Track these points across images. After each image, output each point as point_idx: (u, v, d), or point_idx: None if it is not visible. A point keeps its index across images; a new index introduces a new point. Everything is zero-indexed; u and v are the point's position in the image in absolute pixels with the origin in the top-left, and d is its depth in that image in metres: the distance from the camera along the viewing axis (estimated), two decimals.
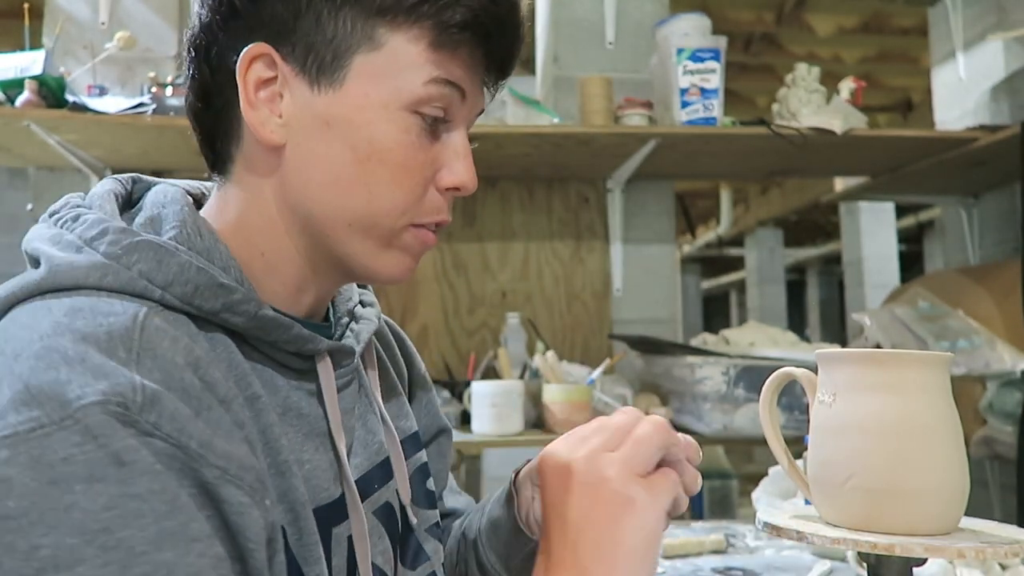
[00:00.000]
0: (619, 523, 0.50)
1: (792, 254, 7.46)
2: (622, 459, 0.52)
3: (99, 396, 0.43)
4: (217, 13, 0.56)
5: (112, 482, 0.42)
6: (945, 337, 1.92)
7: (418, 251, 0.61)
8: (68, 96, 1.80)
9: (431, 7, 0.54)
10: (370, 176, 0.56)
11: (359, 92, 0.55)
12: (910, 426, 0.57)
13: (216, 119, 0.59)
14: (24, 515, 0.40)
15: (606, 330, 2.30)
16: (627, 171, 2.19)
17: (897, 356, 0.60)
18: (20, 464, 0.41)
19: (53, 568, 0.40)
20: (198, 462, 0.45)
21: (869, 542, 0.55)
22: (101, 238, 0.52)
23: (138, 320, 0.48)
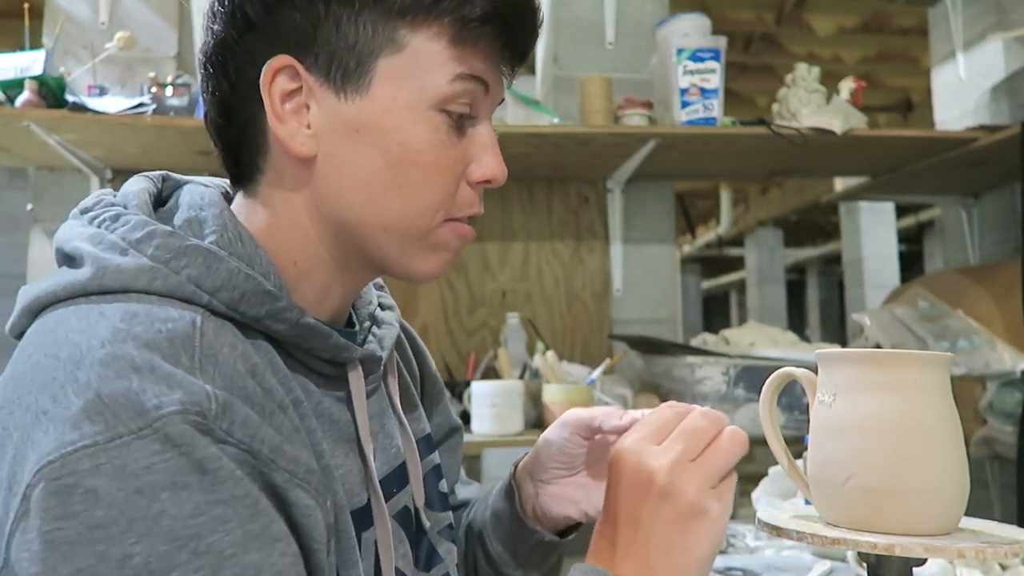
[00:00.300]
0: (692, 534, 0.52)
1: (792, 254, 7.46)
2: (702, 474, 0.53)
3: (178, 406, 0.43)
4: (232, 27, 0.56)
5: (196, 489, 0.43)
6: (945, 337, 1.92)
7: (456, 245, 0.61)
8: (68, 96, 1.80)
9: (450, 3, 0.54)
10: (403, 179, 0.56)
11: (386, 96, 0.55)
12: (910, 426, 0.57)
13: (240, 133, 0.59)
14: (114, 524, 0.41)
15: (606, 330, 2.30)
16: (627, 171, 2.19)
17: (897, 356, 0.60)
18: (105, 474, 0.41)
19: (148, 575, 0.41)
20: (269, 467, 0.47)
21: (869, 542, 0.55)
22: (148, 241, 0.52)
23: (197, 326, 0.49)
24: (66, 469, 0.41)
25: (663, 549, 0.52)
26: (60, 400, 0.44)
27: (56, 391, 0.44)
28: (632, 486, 0.54)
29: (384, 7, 0.54)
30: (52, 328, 0.49)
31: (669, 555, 0.52)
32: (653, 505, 0.53)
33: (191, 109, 1.88)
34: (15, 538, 0.42)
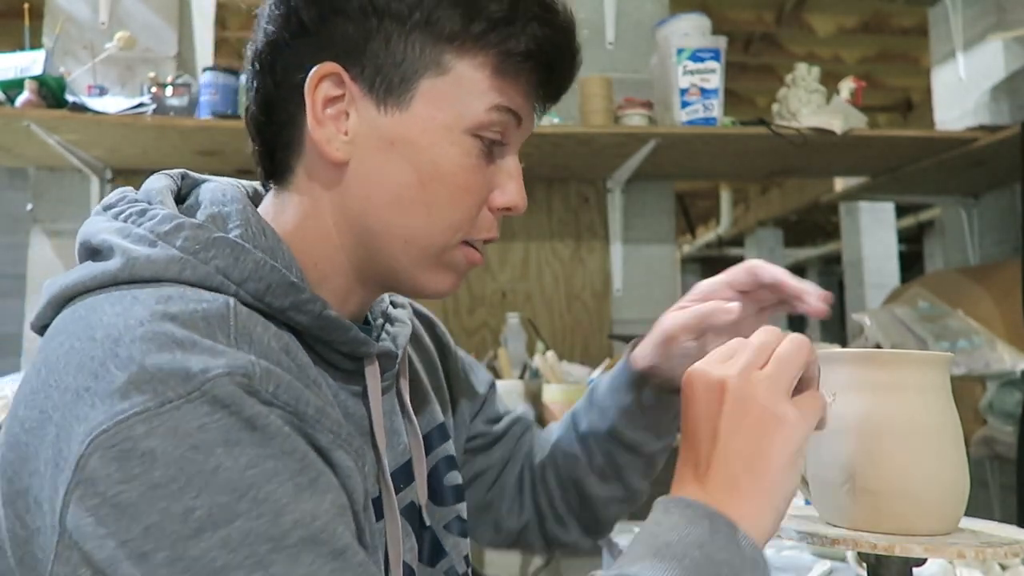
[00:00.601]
0: (769, 439, 0.52)
1: (792, 254, 7.46)
2: (770, 378, 0.53)
3: (224, 369, 0.45)
4: (286, 30, 0.58)
5: (247, 445, 0.44)
6: (945, 337, 1.92)
7: (463, 269, 0.63)
8: (68, 96, 1.80)
9: (497, 36, 0.56)
10: (431, 196, 0.58)
11: (425, 115, 0.57)
12: (910, 426, 0.57)
13: (278, 131, 0.60)
14: (173, 481, 0.42)
15: (606, 330, 2.30)
16: (627, 171, 2.19)
17: (897, 356, 0.60)
18: (159, 436, 0.43)
19: (212, 526, 0.42)
20: (314, 428, 0.49)
21: (869, 542, 0.55)
22: (176, 233, 0.53)
23: (231, 307, 0.51)
24: (121, 435, 0.43)
25: (744, 458, 0.52)
26: (102, 376, 0.45)
27: (96, 369, 0.45)
28: (705, 402, 0.54)
29: (434, 30, 0.56)
30: (84, 315, 0.50)
31: (751, 464, 0.52)
32: (728, 414, 0.53)
33: (191, 109, 1.88)
34: (69, 509, 0.43)
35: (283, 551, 0.43)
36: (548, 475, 0.83)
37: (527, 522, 0.85)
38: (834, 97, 2.07)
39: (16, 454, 0.47)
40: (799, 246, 7.53)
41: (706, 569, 0.49)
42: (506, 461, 0.86)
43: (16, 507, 0.47)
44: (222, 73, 1.91)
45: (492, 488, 0.85)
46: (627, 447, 0.77)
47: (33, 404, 0.48)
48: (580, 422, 0.80)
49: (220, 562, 0.42)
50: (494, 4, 0.56)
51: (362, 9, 0.56)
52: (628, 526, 1.41)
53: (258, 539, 0.43)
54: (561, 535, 0.85)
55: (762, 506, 0.52)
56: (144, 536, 0.42)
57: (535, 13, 0.57)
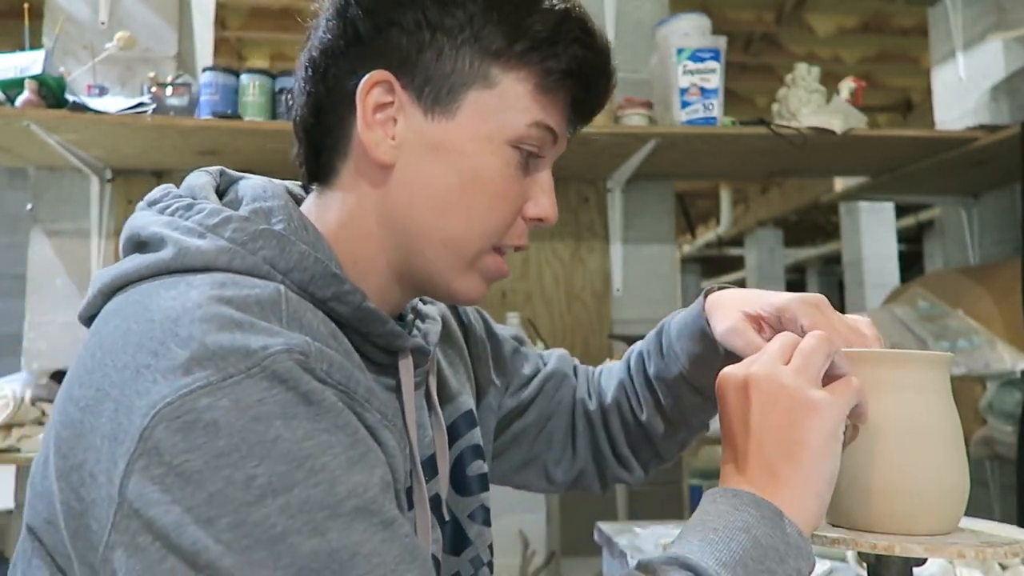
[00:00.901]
0: (802, 424, 0.53)
1: (792, 254, 7.46)
2: (795, 368, 0.55)
3: (282, 346, 0.48)
4: (342, 38, 0.61)
5: (304, 418, 0.47)
6: (945, 337, 1.92)
7: (492, 276, 0.65)
8: (68, 96, 1.80)
9: (539, 54, 0.60)
10: (471, 201, 0.61)
11: (470, 124, 0.60)
12: (910, 426, 0.57)
13: (326, 134, 0.63)
14: (235, 450, 0.45)
15: (606, 330, 2.30)
16: (627, 171, 2.19)
17: (897, 356, 0.60)
18: (222, 408, 0.45)
19: (272, 493, 0.44)
20: (363, 407, 0.52)
21: (869, 542, 0.55)
22: (224, 225, 0.56)
23: (282, 293, 0.53)
24: (185, 408, 0.45)
25: (778, 444, 0.54)
26: (162, 354, 0.47)
27: (156, 348, 0.47)
28: (736, 399, 0.57)
29: (483, 45, 0.59)
30: (138, 300, 0.52)
31: (787, 451, 0.53)
32: (757, 406, 0.55)
33: (191, 109, 1.88)
34: (132, 479, 0.45)
35: (338, 519, 0.45)
36: (611, 419, 0.86)
37: (582, 469, 0.87)
38: (834, 97, 2.07)
39: (71, 431, 0.49)
40: (799, 246, 7.53)
41: (753, 552, 0.50)
42: (547, 417, 0.87)
43: (71, 481, 0.48)
44: (222, 73, 1.91)
45: (535, 444, 0.87)
46: (697, 390, 0.78)
47: (88, 383, 0.49)
48: (648, 364, 0.82)
49: (280, 527, 0.44)
50: (538, 24, 0.59)
51: (416, 23, 0.59)
52: (628, 526, 1.41)
53: (315, 506, 0.45)
54: (623, 475, 0.87)
55: (803, 492, 0.53)
56: (208, 503, 0.44)
57: (576, 35, 0.60)
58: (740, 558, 0.50)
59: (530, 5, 0.60)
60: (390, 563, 0.46)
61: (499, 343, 0.86)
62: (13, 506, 2.04)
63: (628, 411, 0.84)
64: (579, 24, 0.61)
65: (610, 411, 0.86)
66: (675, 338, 0.77)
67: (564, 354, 0.92)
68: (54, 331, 2.11)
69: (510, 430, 0.86)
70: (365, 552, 0.45)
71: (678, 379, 0.78)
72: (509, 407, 0.85)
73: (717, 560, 0.49)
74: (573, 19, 0.61)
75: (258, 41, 3.98)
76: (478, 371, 0.82)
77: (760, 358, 0.57)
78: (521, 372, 0.87)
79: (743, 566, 0.50)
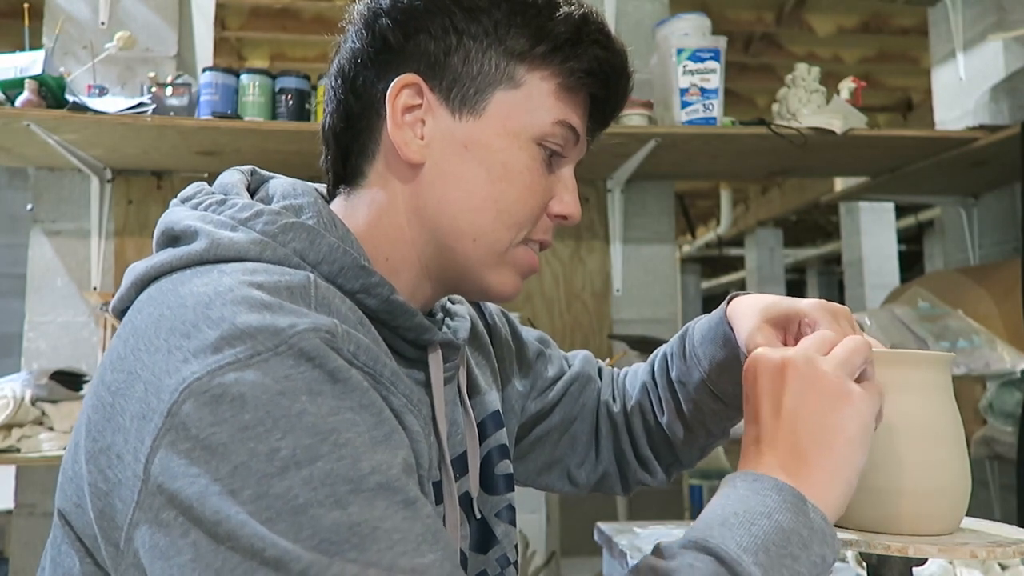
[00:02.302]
0: (838, 412, 0.53)
1: (792, 254, 7.46)
2: (835, 360, 0.55)
3: (310, 325, 0.49)
4: (371, 47, 0.63)
5: (329, 395, 0.48)
6: (945, 337, 1.92)
7: (524, 271, 0.67)
8: (68, 96, 1.80)
9: (561, 54, 0.63)
10: (500, 194, 0.63)
11: (497, 122, 0.63)
12: (912, 426, 0.57)
13: (355, 138, 0.65)
14: (260, 423, 0.45)
15: (606, 330, 2.30)
16: (627, 171, 2.19)
17: (899, 356, 0.60)
18: (249, 384, 0.46)
19: (295, 465, 0.45)
20: (389, 390, 0.53)
21: (883, 543, 0.54)
22: (256, 219, 0.58)
23: (311, 280, 0.54)
24: (213, 383, 0.46)
25: (811, 430, 0.53)
26: (194, 336, 0.48)
27: (188, 330, 0.48)
28: (769, 380, 0.56)
29: (508, 47, 0.62)
30: (171, 288, 0.53)
31: (818, 435, 0.53)
32: (793, 390, 0.54)
33: (191, 109, 1.88)
34: (158, 454, 0.46)
35: (360, 494, 0.46)
36: (633, 421, 0.86)
37: (606, 471, 0.88)
38: (834, 97, 2.07)
39: (101, 415, 0.50)
40: (799, 246, 7.53)
41: (775, 537, 0.49)
42: (571, 420, 0.87)
43: (99, 463, 0.49)
44: (222, 73, 1.91)
45: (559, 446, 0.87)
46: (716, 397, 0.78)
47: (120, 368, 0.50)
48: (670, 367, 0.82)
49: (302, 499, 0.44)
50: (560, 27, 0.62)
51: (444, 29, 0.62)
52: (628, 526, 1.41)
53: (338, 480, 0.45)
54: (645, 478, 0.88)
55: (832, 479, 0.52)
56: (232, 474, 0.44)
57: (595, 37, 0.63)
58: (762, 543, 0.49)
59: (551, 10, 0.62)
60: (412, 541, 0.46)
61: (523, 345, 0.87)
62: (13, 506, 2.04)
63: (650, 413, 0.85)
64: (597, 27, 0.64)
65: (633, 413, 0.86)
66: (698, 343, 0.78)
67: (589, 356, 0.92)
68: (54, 331, 2.11)
69: (534, 432, 0.86)
70: (386, 528, 0.45)
71: (700, 384, 0.78)
72: (533, 410, 0.85)
73: (738, 544, 0.48)
74: (591, 22, 0.63)
75: (258, 41, 3.98)
76: (503, 373, 0.83)
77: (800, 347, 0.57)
78: (545, 375, 0.87)
79: (765, 551, 0.48)
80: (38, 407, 1.71)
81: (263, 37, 3.85)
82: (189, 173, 2.18)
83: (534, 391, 0.86)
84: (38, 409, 1.71)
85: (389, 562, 0.44)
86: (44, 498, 2.03)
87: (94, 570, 0.52)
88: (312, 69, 2.11)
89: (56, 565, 0.55)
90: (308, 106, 1.95)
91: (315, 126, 1.89)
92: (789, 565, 0.48)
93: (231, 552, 0.43)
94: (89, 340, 2.10)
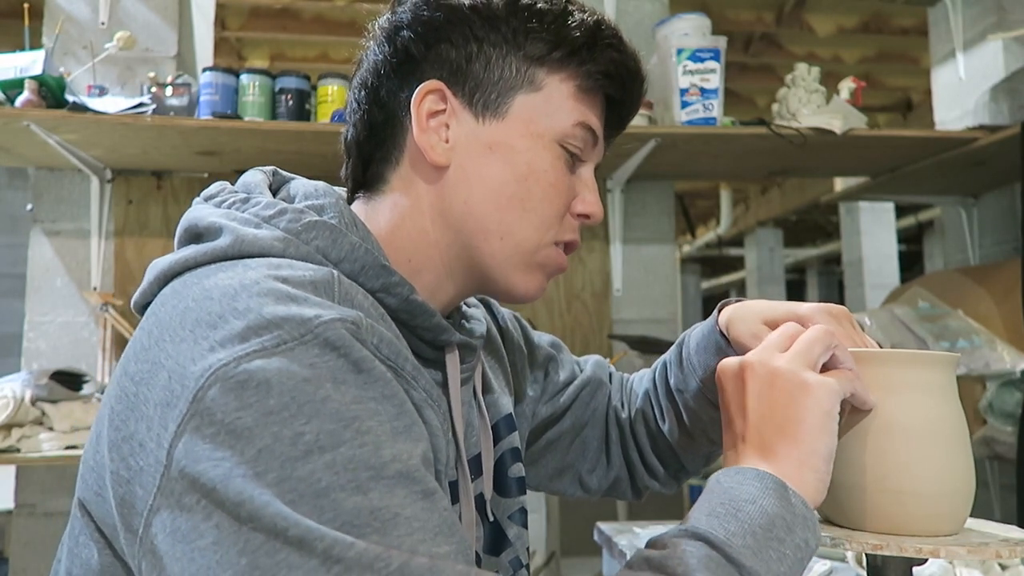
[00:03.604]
0: (796, 403, 0.55)
1: (792, 254, 7.46)
2: (792, 354, 0.57)
3: (336, 315, 0.50)
4: (393, 58, 0.65)
5: (353, 385, 0.48)
6: (945, 337, 1.92)
7: (551, 271, 0.68)
8: (68, 96, 1.80)
9: (578, 58, 0.65)
10: (526, 193, 0.64)
11: (520, 123, 0.64)
12: (917, 426, 0.57)
13: (378, 146, 0.67)
14: (285, 408, 0.46)
15: (606, 330, 2.30)
16: (627, 171, 2.19)
17: (904, 356, 0.60)
18: (274, 370, 0.47)
19: (318, 450, 0.46)
20: (410, 383, 0.54)
21: (914, 546, 0.54)
22: (280, 216, 0.59)
23: (335, 276, 0.55)
24: (239, 369, 0.46)
25: (774, 424, 0.56)
26: (220, 326, 0.49)
27: (214, 320, 0.49)
28: (733, 385, 0.59)
29: (527, 52, 0.64)
30: (196, 282, 0.53)
31: (781, 428, 0.55)
32: (753, 389, 0.57)
33: (191, 109, 1.88)
34: (182, 439, 0.46)
35: (381, 480, 0.46)
36: (638, 428, 0.87)
37: (616, 477, 0.89)
38: (834, 97, 2.07)
39: (125, 404, 0.51)
40: (799, 246, 7.53)
41: (760, 521, 0.51)
42: (582, 426, 0.88)
43: (121, 451, 0.50)
44: (222, 73, 1.91)
45: (569, 451, 0.88)
46: (714, 405, 0.78)
47: (144, 359, 0.51)
48: (669, 376, 0.83)
49: (324, 483, 0.45)
50: (576, 32, 0.64)
51: (464, 37, 0.64)
52: (628, 526, 1.41)
53: (360, 465, 0.46)
54: (653, 484, 0.89)
55: (801, 468, 0.55)
56: (256, 458, 0.45)
57: (610, 41, 0.65)
58: (748, 527, 0.51)
59: (566, 16, 0.64)
60: (430, 530, 0.46)
61: (535, 349, 0.87)
62: (13, 506, 2.04)
63: (652, 420, 0.85)
64: (611, 31, 0.66)
65: (636, 419, 0.87)
66: (693, 351, 0.78)
67: (601, 360, 0.93)
68: (54, 331, 2.11)
69: (545, 437, 0.87)
70: (406, 515, 0.46)
71: (697, 392, 0.78)
72: (544, 414, 0.86)
73: (726, 531, 0.50)
74: (605, 27, 0.66)
75: (258, 41, 3.98)
76: (515, 377, 0.83)
77: (758, 348, 0.60)
78: (556, 379, 0.87)
79: (752, 535, 0.50)
80: (38, 407, 1.71)
81: (263, 37, 3.85)
82: (189, 173, 2.18)
83: (545, 395, 0.86)
84: (38, 409, 1.71)
85: (410, 547, 0.45)
86: (44, 498, 2.03)
87: (112, 561, 0.53)
88: (312, 69, 2.11)
89: (74, 556, 0.55)
90: (308, 106, 1.95)
91: (315, 126, 1.89)
92: (776, 547, 0.50)
93: (254, 532, 0.44)
94: (89, 340, 2.10)
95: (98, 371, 2.04)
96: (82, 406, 1.76)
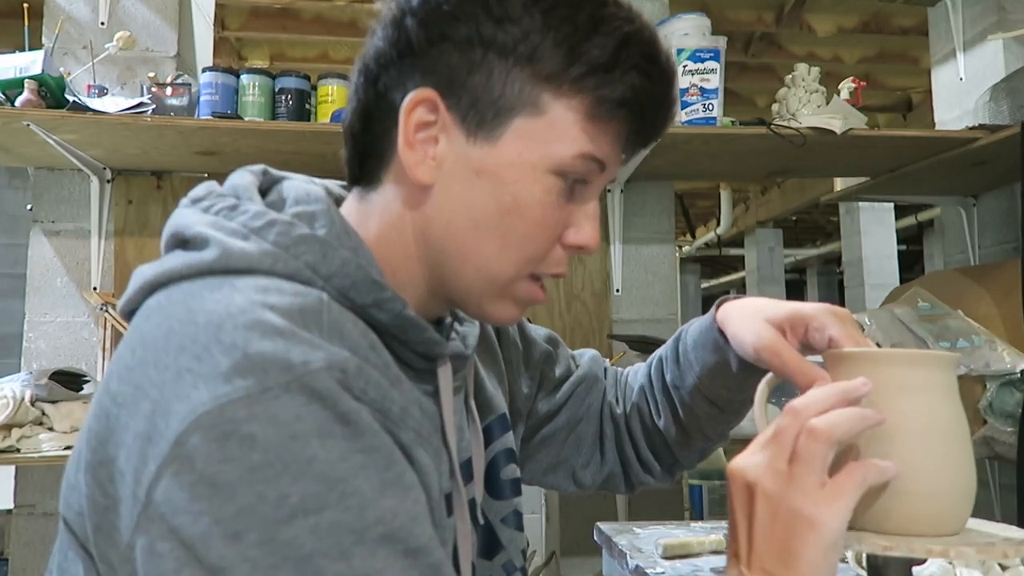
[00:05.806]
0: (799, 540, 0.53)
1: (792, 254, 7.46)
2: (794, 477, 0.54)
3: (323, 362, 0.48)
4: (395, 46, 0.60)
5: (339, 438, 0.47)
6: (945, 337, 1.92)
7: (526, 302, 0.64)
8: (68, 96, 1.80)
9: (594, 80, 0.57)
10: (507, 228, 0.59)
11: (512, 152, 0.59)
12: (918, 426, 0.57)
13: (372, 141, 0.63)
14: (270, 466, 0.44)
15: (606, 330, 2.30)
16: (627, 171, 2.19)
17: (906, 356, 0.60)
18: (260, 422, 0.45)
19: (303, 513, 0.44)
20: (398, 426, 0.52)
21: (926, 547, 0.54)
22: (269, 229, 0.56)
23: (324, 301, 0.53)
24: (223, 418, 0.45)
25: (775, 555, 0.54)
26: (205, 359, 0.47)
27: (199, 352, 0.47)
28: (741, 502, 0.57)
29: (535, 69, 0.57)
30: (181, 299, 0.52)
31: (785, 562, 0.54)
32: (759, 517, 0.55)
33: (191, 109, 1.88)
34: (161, 482, 0.45)
35: (364, 544, 0.45)
36: (633, 424, 0.86)
37: (610, 472, 0.88)
38: (834, 97, 2.07)
39: (103, 425, 0.49)
40: (799, 246, 7.54)
41: None
42: (576, 422, 0.87)
43: (98, 476, 0.49)
44: (222, 73, 1.91)
45: (564, 447, 0.87)
46: (711, 402, 0.78)
47: (127, 380, 0.49)
48: (665, 372, 0.82)
49: (308, 548, 0.44)
50: (596, 49, 0.57)
51: (469, 38, 0.58)
52: (628, 526, 1.41)
53: (344, 530, 0.45)
54: (647, 479, 0.88)
55: None
56: (236, 516, 0.43)
57: (636, 62, 0.58)
58: None
59: (591, 27, 0.57)
60: None
61: (531, 345, 0.86)
62: (13, 506, 2.04)
63: (648, 416, 0.85)
64: (641, 49, 0.58)
65: (631, 415, 0.86)
66: (690, 347, 0.77)
67: (596, 355, 0.92)
68: (54, 331, 2.11)
69: (540, 432, 0.86)
70: None
71: (693, 388, 0.77)
72: (540, 410, 0.85)
73: None
74: (635, 44, 0.58)
75: (258, 41, 3.98)
76: (510, 375, 0.82)
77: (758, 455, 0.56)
78: (552, 375, 0.86)
79: None
80: (38, 407, 1.71)
81: (263, 37, 3.85)
82: (189, 173, 2.18)
83: (541, 392, 0.86)
84: (38, 409, 1.71)
85: None
86: (44, 498, 2.03)
87: None
88: (312, 69, 2.11)
89: (63, 571, 0.55)
90: (308, 106, 1.94)
91: (315, 126, 1.89)
92: None
93: None
94: (89, 340, 2.10)
95: (98, 371, 2.04)
96: (82, 406, 1.76)
